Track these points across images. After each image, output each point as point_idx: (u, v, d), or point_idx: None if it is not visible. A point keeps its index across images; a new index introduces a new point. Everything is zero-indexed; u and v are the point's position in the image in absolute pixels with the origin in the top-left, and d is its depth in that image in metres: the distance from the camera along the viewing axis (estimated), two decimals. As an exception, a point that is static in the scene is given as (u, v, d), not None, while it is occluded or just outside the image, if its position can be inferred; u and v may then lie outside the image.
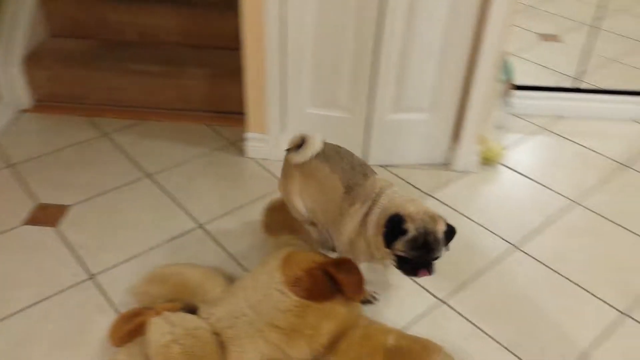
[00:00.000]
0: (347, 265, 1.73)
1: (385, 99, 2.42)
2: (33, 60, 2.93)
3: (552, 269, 2.07)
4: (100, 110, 2.98)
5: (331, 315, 1.66)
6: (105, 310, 1.87)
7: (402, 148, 2.59)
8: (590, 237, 2.24)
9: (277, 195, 2.13)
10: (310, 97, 2.48)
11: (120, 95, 2.96)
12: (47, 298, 1.91)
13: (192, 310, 1.72)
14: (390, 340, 1.63)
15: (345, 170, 1.77)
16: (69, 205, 2.33)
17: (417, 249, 1.54)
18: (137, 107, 2.98)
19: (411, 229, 1.54)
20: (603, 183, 2.54)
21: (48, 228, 2.21)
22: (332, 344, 1.65)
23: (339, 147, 1.88)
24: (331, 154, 1.82)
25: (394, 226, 1.56)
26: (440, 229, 1.57)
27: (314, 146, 1.81)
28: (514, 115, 2.97)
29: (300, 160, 1.83)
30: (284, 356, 1.63)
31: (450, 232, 1.61)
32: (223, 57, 3.01)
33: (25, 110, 2.97)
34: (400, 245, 1.56)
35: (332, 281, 1.71)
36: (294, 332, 1.63)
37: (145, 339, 1.58)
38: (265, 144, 2.62)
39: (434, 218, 1.58)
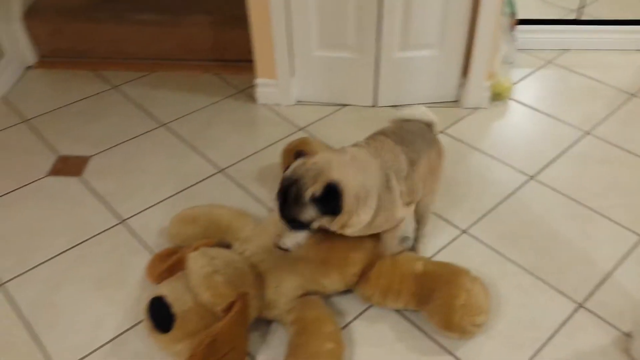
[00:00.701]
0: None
1: (393, 36, 2.42)
2: (33, 15, 2.90)
3: (567, 196, 2.14)
4: (106, 64, 2.96)
5: (358, 247, 1.73)
6: (139, 252, 1.93)
7: (411, 87, 2.61)
8: (603, 164, 2.30)
9: (293, 138, 2.17)
10: (318, 38, 2.48)
11: (125, 46, 2.94)
12: (81, 243, 1.97)
13: (225, 247, 1.79)
14: (419, 267, 1.70)
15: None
16: (89, 156, 2.35)
17: (279, 193, 1.46)
18: (142, 58, 2.97)
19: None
20: (611, 112, 2.58)
21: (72, 178, 2.24)
22: (363, 273, 1.72)
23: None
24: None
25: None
26: (313, 188, 1.40)
27: None
28: (518, 50, 2.98)
29: None
30: (319, 286, 1.71)
31: (323, 198, 1.40)
32: (226, 3, 2.98)
33: (30, 67, 2.95)
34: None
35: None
36: (325, 263, 1.70)
37: (185, 273, 1.64)
38: (276, 89, 2.63)
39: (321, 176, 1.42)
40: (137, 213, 2.08)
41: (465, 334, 1.61)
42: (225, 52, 2.93)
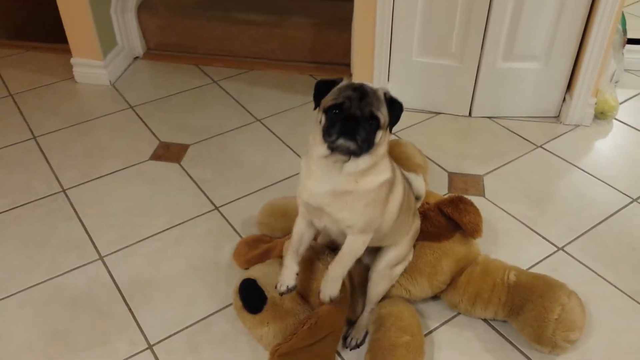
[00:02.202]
0: (463, 204, 1.76)
1: (497, 45, 2.39)
2: (146, 9, 3.08)
3: (673, 223, 2.02)
4: (208, 60, 3.10)
5: (450, 254, 1.71)
6: (231, 237, 2.00)
7: (510, 99, 2.56)
8: None
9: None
10: (420, 44, 2.48)
11: (228, 44, 3.07)
12: (178, 225, 2.06)
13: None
14: (511, 277, 1.65)
15: None
16: (189, 145, 2.47)
17: (351, 90, 1.31)
18: (243, 57, 3.09)
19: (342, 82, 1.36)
20: None
21: (172, 164, 2.36)
22: (452, 281, 1.70)
23: None
24: None
25: (324, 83, 1.36)
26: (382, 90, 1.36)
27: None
28: (625, 70, 2.86)
29: None
30: (407, 293, 1.70)
31: (394, 101, 1.36)
32: (327, 7, 3.06)
33: (137, 58, 3.14)
34: (330, 95, 1.32)
35: (449, 220, 1.76)
36: (415, 270, 1.69)
37: (277, 261, 1.68)
38: (371, 92, 2.65)
39: None
40: (231, 201, 2.16)
41: (557, 349, 1.55)
42: (322, 54, 2.99)
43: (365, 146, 1.30)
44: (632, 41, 2.82)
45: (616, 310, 1.72)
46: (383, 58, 2.53)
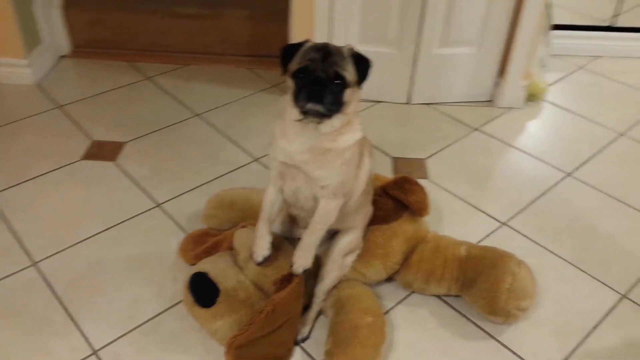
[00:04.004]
0: (408, 184, 1.77)
1: (434, 32, 2.43)
2: (73, 4, 2.93)
3: (605, 193, 2.12)
4: (141, 56, 2.98)
5: (399, 233, 1.71)
6: (175, 234, 1.92)
7: (447, 84, 2.61)
8: (637, 163, 2.28)
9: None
10: (359, 33, 2.49)
11: (162, 39, 2.97)
12: (117, 224, 1.96)
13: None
14: (462, 251, 1.68)
15: None
16: (124, 142, 2.36)
17: (314, 51, 1.31)
18: (178, 51, 2.99)
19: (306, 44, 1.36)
20: (646, 116, 2.58)
21: (107, 162, 2.24)
22: (405, 260, 1.70)
23: None
24: None
25: (289, 48, 1.37)
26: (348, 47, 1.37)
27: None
28: (552, 54, 2.98)
29: None
30: (360, 276, 1.68)
31: (361, 57, 1.36)
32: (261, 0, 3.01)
33: (64, 56, 2.98)
34: (296, 59, 1.33)
35: (396, 202, 1.76)
36: (368, 254, 1.68)
37: (232, 251, 1.63)
38: (311, 83, 2.63)
39: None
40: (173, 198, 2.08)
41: (510, 318, 1.58)
42: (261, 47, 2.94)
43: (335, 107, 1.32)
44: (557, 27, 2.94)
45: (562, 279, 1.78)
46: (321, 47, 2.52)
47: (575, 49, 3.03)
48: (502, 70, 2.58)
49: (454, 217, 2.00)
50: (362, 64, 1.36)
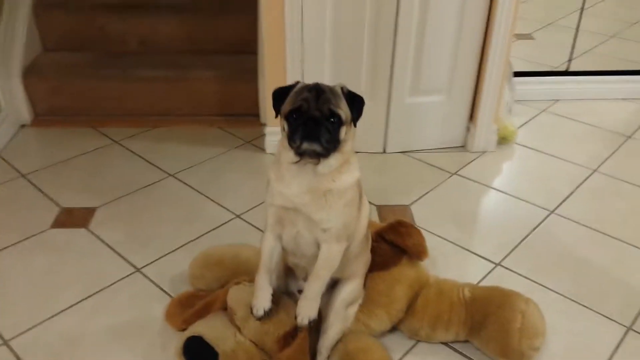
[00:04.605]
0: (404, 228, 1.73)
1: (404, 81, 2.47)
2: (32, 73, 2.85)
3: (590, 228, 2.14)
4: (106, 121, 2.90)
5: (401, 279, 1.65)
6: (159, 299, 1.80)
7: (420, 132, 2.63)
8: (616, 197, 2.33)
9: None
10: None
11: (126, 103, 2.90)
12: (96, 293, 1.82)
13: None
14: (466, 292, 1.63)
15: None
16: (95, 208, 2.24)
17: (306, 91, 1.29)
18: (144, 115, 2.93)
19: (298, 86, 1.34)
20: (613, 152, 2.66)
21: (79, 230, 2.11)
22: (409, 307, 1.63)
23: None
24: None
25: (281, 90, 1.35)
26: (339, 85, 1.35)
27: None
28: (516, 100, 3.08)
29: None
30: (365, 328, 1.60)
31: (353, 94, 1.35)
32: (230, 60, 3.02)
33: (24, 125, 2.87)
34: (288, 100, 1.31)
35: (393, 247, 1.72)
36: (371, 303, 1.62)
37: (231, 307, 1.53)
38: (285, 138, 2.61)
39: None
40: (153, 261, 1.96)
41: (524, 359, 1.52)
42: (230, 106, 2.92)
43: (332, 146, 1.29)
44: (517, 74, 3.06)
45: (563, 315, 1.74)
46: (294, 102, 2.52)
47: (534, 94, 3.15)
48: (472, 116, 2.63)
49: (447, 261, 1.96)
50: (356, 102, 1.34)
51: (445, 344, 1.64)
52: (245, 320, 1.49)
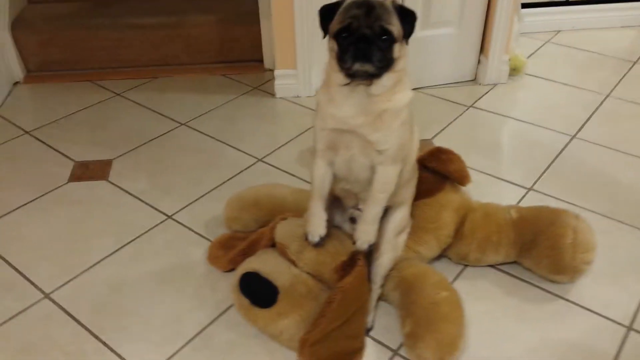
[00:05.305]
0: (444, 154, 1.71)
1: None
2: (20, 26, 2.69)
3: (613, 149, 2.16)
4: (102, 73, 2.78)
5: (447, 205, 1.64)
6: (198, 243, 1.76)
7: (431, 67, 2.59)
8: (631, 119, 2.35)
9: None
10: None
11: (123, 53, 2.78)
12: (131, 242, 1.77)
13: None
14: (513, 214, 1.63)
15: None
16: (111, 160, 2.16)
17: (356, 7, 1.22)
18: (142, 65, 2.81)
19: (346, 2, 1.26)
20: (622, 77, 2.67)
21: (98, 182, 2.04)
22: (457, 232, 1.63)
23: None
24: None
25: (328, 7, 1.27)
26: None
27: None
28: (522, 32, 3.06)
29: None
30: (416, 254, 1.60)
31: (405, 9, 1.27)
32: (224, 4, 2.90)
33: (17, 83, 2.72)
34: (336, 18, 1.24)
35: (435, 174, 1.70)
36: (420, 229, 1.61)
37: (281, 242, 1.50)
38: (296, 80, 2.54)
39: None
40: (183, 208, 1.91)
41: (577, 274, 1.54)
42: (231, 52, 2.82)
43: (385, 65, 1.23)
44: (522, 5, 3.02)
45: (600, 232, 1.74)
46: (305, 43, 2.44)
47: (536, 26, 3.12)
48: (483, 48, 2.60)
49: (480, 189, 1.95)
50: (408, 16, 1.27)
51: (493, 266, 1.65)
52: (299, 253, 1.47)
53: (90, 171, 2.10)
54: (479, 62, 2.64)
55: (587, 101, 2.48)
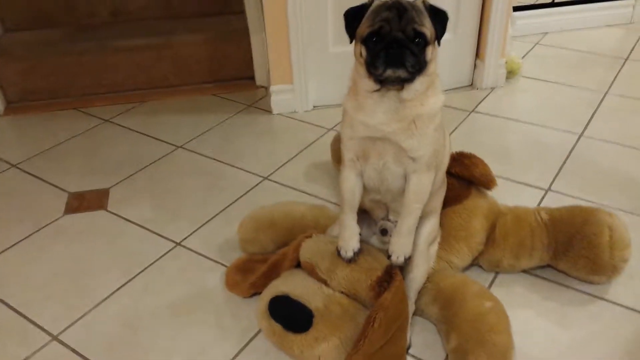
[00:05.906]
0: (468, 159, 1.66)
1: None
2: (0, 54, 2.57)
3: (622, 144, 2.14)
4: (88, 101, 2.67)
5: (476, 211, 1.58)
6: (212, 268, 1.66)
7: (429, 75, 2.56)
8: (635, 114, 2.34)
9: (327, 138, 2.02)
10: (333, 34, 2.38)
11: (109, 78, 2.67)
12: (140, 273, 1.65)
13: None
14: (543, 215, 1.57)
15: None
16: (107, 188, 2.05)
17: (386, 9, 1.16)
18: (130, 89, 2.71)
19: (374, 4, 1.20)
20: (616, 75, 2.67)
21: (97, 212, 1.92)
22: (488, 239, 1.56)
23: None
24: None
25: (354, 10, 1.21)
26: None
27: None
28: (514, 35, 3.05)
29: None
30: (448, 264, 1.52)
31: (437, 9, 1.21)
32: (211, 23, 2.83)
33: (-3, 116, 2.60)
34: (365, 22, 1.18)
35: (460, 179, 1.64)
36: (451, 238, 1.54)
37: (308, 262, 1.40)
38: (292, 95, 2.47)
39: None
40: (191, 233, 1.80)
41: (615, 272, 1.49)
42: (222, 70, 2.74)
43: (418, 69, 1.16)
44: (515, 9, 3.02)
45: (629, 228, 1.72)
46: (301, 55, 2.38)
47: (523, 29, 3.13)
48: (479, 52, 2.57)
49: (499, 193, 1.87)
50: (439, 17, 1.21)
51: (525, 271, 1.59)
52: (331, 271, 1.38)
53: (86, 201, 1.98)
54: (475, 66, 2.61)
55: (588, 99, 2.47)
